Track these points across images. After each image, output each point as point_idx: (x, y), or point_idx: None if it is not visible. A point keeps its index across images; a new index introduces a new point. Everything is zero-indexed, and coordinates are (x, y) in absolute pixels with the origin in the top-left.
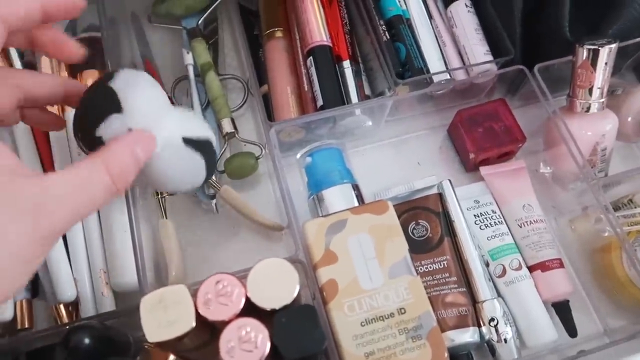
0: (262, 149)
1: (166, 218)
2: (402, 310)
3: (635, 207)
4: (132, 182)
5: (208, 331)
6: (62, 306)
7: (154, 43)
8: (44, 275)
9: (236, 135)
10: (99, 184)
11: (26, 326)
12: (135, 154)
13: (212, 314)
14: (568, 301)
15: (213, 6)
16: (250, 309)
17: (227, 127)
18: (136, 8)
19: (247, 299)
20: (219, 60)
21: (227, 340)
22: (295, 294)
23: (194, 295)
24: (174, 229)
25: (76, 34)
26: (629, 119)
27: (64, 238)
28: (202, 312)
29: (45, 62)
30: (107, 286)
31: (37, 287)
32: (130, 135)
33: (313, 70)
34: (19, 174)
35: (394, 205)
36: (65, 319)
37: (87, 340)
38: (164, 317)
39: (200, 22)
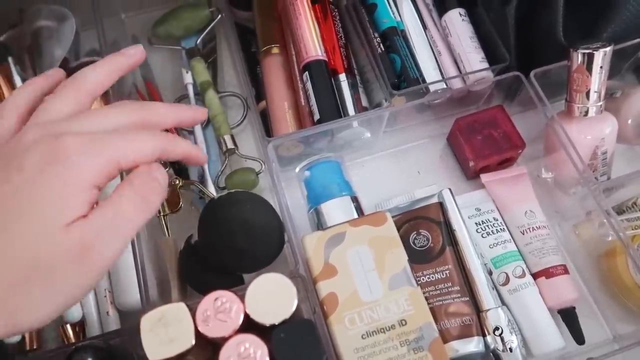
0: (262, 164)
1: (169, 236)
2: (403, 322)
3: (639, 211)
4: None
5: (209, 348)
6: (68, 326)
7: (154, 63)
8: None
9: (236, 151)
10: (126, 207)
11: (34, 347)
12: (154, 176)
13: (211, 331)
14: (574, 308)
15: (210, 26)
16: (250, 325)
17: (228, 143)
18: (136, 31)
19: (246, 315)
20: (218, 78)
21: (226, 356)
22: (293, 309)
23: (193, 312)
24: (176, 246)
25: (78, 58)
26: (629, 121)
27: None
28: (201, 329)
29: None
30: (112, 306)
31: None
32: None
33: (309, 84)
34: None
35: (394, 216)
36: (72, 339)
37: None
38: (164, 335)
39: (198, 42)
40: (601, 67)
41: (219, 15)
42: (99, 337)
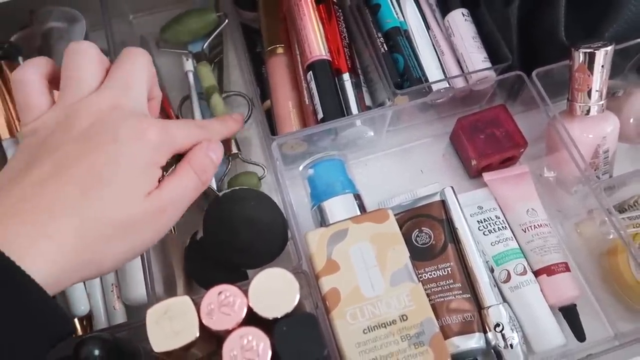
0: (264, 170)
1: (175, 232)
2: (404, 317)
3: None
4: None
5: (213, 340)
6: (76, 320)
7: (162, 65)
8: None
9: (239, 155)
10: (188, 182)
11: None
12: (210, 156)
13: (215, 324)
14: (575, 305)
15: (217, 31)
16: (253, 319)
17: (232, 147)
18: (145, 32)
19: (249, 309)
20: (224, 77)
21: (229, 349)
22: (295, 303)
23: (197, 306)
24: (181, 242)
25: None
26: (631, 120)
27: None
28: (205, 322)
29: None
30: (118, 300)
31: None
32: (204, 142)
33: (313, 84)
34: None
35: (397, 214)
36: (80, 333)
37: (97, 352)
38: (169, 328)
39: (205, 46)
40: (602, 66)
41: (226, 20)
42: (106, 330)
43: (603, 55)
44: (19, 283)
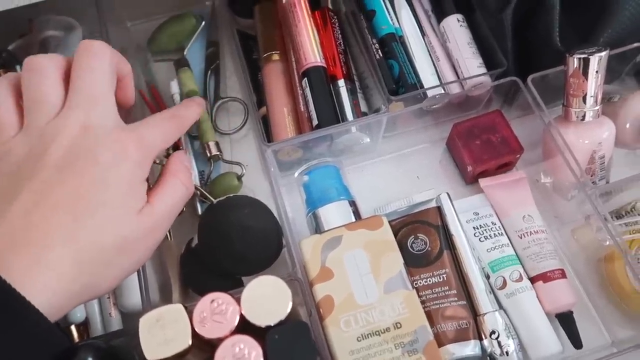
0: (242, 168)
1: (171, 240)
2: (398, 325)
3: (638, 215)
4: None
5: (206, 348)
6: (72, 327)
7: (158, 71)
8: None
9: (220, 157)
10: (178, 193)
11: None
12: (187, 165)
13: (208, 332)
14: (572, 312)
15: (196, 33)
16: (245, 326)
17: (212, 149)
18: (142, 39)
19: (242, 317)
20: (221, 84)
21: (221, 357)
22: (288, 311)
23: (190, 313)
24: (178, 250)
25: None
26: (627, 125)
27: None
28: (198, 330)
29: None
30: (114, 307)
31: None
32: (178, 152)
33: (308, 90)
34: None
35: (393, 220)
36: (76, 339)
37: (90, 359)
38: (162, 336)
39: (186, 52)
40: (597, 71)
41: (203, 22)
42: (100, 337)
43: (597, 61)
44: (21, 312)
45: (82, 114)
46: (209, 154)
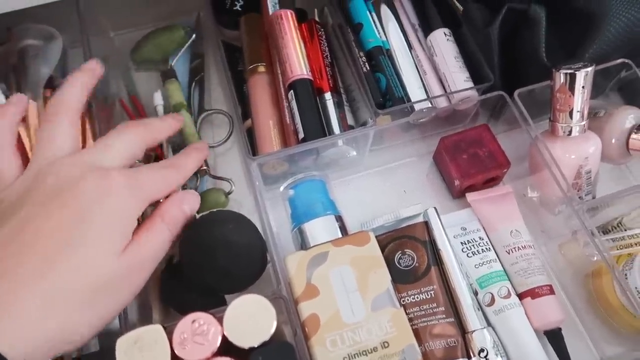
0: (231, 184)
1: None
2: (386, 344)
3: (625, 230)
4: None
5: None
6: None
7: (140, 82)
8: None
9: (208, 172)
10: (163, 237)
11: None
12: (183, 209)
13: (188, 354)
14: (560, 329)
15: (186, 45)
16: (228, 348)
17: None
18: (126, 49)
19: (224, 338)
20: (205, 95)
21: None
22: (272, 332)
23: (170, 334)
24: (158, 267)
25: (64, 75)
26: (613, 140)
27: None
28: (177, 352)
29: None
30: None
31: None
32: (178, 194)
33: (294, 103)
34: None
35: (380, 235)
36: None
37: None
38: (139, 359)
39: (173, 63)
40: (583, 86)
41: (193, 35)
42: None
43: (584, 76)
44: None
45: (89, 155)
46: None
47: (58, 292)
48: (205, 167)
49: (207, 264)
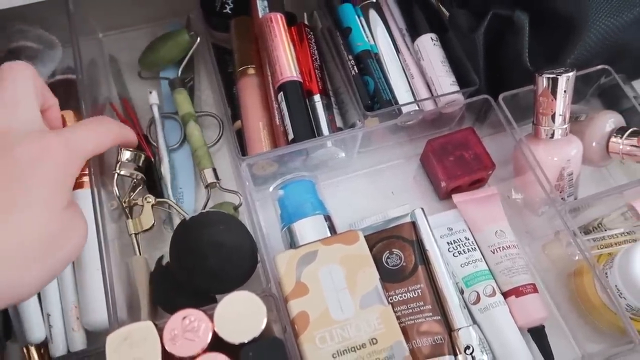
0: (240, 198)
1: (140, 254)
2: (374, 341)
3: (605, 230)
4: None
5: None
6: (32, 348)
7: (132, 84)
8: (14, 316)
9: (218, 185)
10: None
11: None
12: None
13: (179, 350)
14: (543, 326)
15: (190, 53)
16: (219, 344)
17: (209, 177)
18: (114, 50)
19: (215, 334)
20: (195, 97)
21: None
22: (262, 328)
23: (160, 331)
24: (147, 265)
25: (54, 76)
26: (594, 144)
27: None
28: (168, 348)
29: None
30: (77, 321)
31: (9, 328)
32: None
33: (284, 104)
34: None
35: (368, 235)
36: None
37: None
38: (129, 355)
39: (180, 72)
40: (565, 91)
41: (197, 40)
42: (62, 359)
43: (565, 81)
44: None
45: (2, 118)
46: (205, 182)
47: (6, 250)
48: (214, 180)
49: (198, 264)
